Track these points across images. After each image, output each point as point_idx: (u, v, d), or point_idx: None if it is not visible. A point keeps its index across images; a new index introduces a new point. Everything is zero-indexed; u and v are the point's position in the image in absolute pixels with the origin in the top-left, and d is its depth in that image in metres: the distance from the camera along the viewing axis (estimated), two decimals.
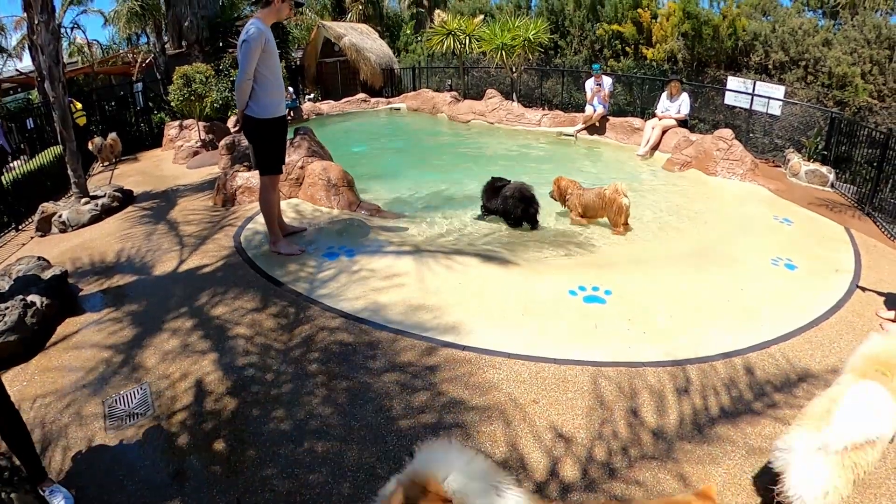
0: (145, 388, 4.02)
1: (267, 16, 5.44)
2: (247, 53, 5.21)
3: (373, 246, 6.05)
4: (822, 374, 4.14)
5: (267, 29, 5.38)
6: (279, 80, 5.62)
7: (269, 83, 5.45)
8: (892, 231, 7.46)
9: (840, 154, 10.46)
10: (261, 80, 5.38)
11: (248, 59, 5.22)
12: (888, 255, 6.64)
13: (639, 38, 17.02)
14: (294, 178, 7.64)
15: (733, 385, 3.95)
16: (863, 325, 4.88)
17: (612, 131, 12.69)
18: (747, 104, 12.16)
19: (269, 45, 5.39)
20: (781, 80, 14.20)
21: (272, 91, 5.51)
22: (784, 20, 15.30)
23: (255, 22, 5.33)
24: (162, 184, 10.15)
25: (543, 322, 4.60)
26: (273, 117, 5.59)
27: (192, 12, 16.43)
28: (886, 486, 3.18)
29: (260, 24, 5.31)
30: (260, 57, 5.30)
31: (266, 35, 5.33)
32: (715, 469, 3.21)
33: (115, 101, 15.62)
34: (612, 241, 6.75)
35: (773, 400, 3.83)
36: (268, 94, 5.47)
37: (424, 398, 3.74)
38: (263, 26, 5.33)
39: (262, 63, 5.33)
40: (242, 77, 5.29)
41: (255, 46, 5.21)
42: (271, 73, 5.46)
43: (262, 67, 5.36)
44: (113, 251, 6.62)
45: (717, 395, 3.83)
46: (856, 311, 5.12)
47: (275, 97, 5.57)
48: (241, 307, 4.95)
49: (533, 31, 14.85)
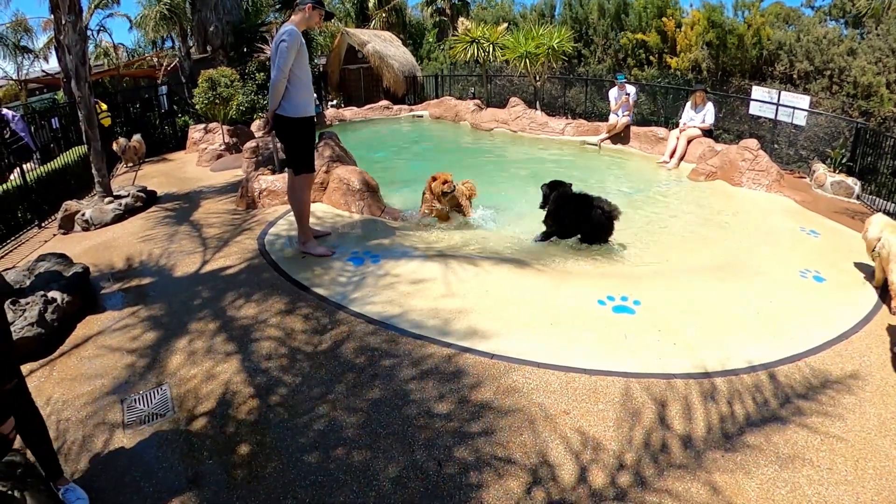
0: (165, 389, 4.01)
1: (299, 22, 5.61)
2: (284, 53, 5.36)
3: (398, 251, 6.06)
4: (853, 387, 4.08)
5: (299, 33, 5.53)
6: (310, 82, 5.79)
7: (301, 83, 5.60)
8: None
9: (865, 165, 10.31)
10: (294, 80, 5.53)
11: (286, 58, 5.38)
12: None
13: (663, 47, 16.93)
14: (318, 183, 7.66)
15: (764, 399, 3.89)
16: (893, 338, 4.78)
17: (637, 141, 12.62)
18: (772, 114, 12.04)
19: (303, 47, 5.56)
20: (806, 89, 14.05)
21: (304, 91, 5.65)
22: (808, 29, 15.16)
23: (290, 26, 5.49)
24: (185, 185, 10.23)
25: (572, 331, 4.56)
26: (304, 116, 5.71)
27: (217, 18, 16.65)
28: None
29: (294, 27, 5.48)
30: (298, 55, 5.47)
31: (300, 38, 5.50)
32: (748, 482, 3.16)
33: (139, 104, 15.77)
34: (637, 250, 6.69)
35: (804, 413, 3.76)
36: (300, 95, 5.61)
37: (452, 406, 3.71)
38: (296, 30, 5.49)
39: (295, 64, 5.48)
40: (279, 75, 5.41)
41: (291, 47, 5.38)
42: (304, 75, 5.62)
43: (296, 68, 5.51)
44: (135, 251, 6.66)
45: (746, 409, 3.78)
46: (885, 323, 5.03)
47: (306, 98, 5.72)
48: (265, 310, 4.95)
49: (557, 39, 14.84)
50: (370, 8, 28.59)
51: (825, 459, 3.36)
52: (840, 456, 3.40)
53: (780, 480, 3.19)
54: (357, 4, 29.24)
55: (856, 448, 3.48)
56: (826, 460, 3.36)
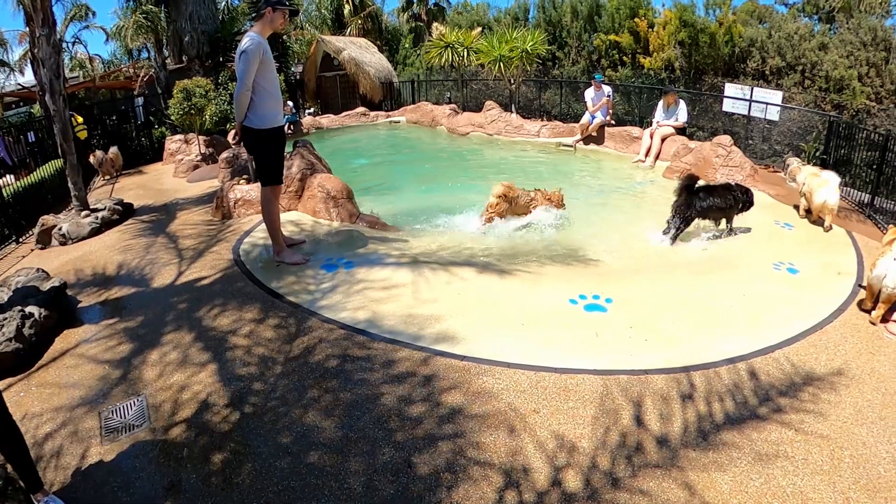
0: (142, 400, 4.01)
1: (262, 28, 5.49)
2: (245, 64, 5.26)
3: (372, 257, 6.04)
4: (828, 377, 4.11)
5: (264, 41, 5.43)
6: (277, 92, 5.66)
7: (267, 94, 5.49)
8: None
9: (839, 157, 10.43)
10: (259, 91, 5.42)
11: (247, 70, 5.27)
12: None
13: (636, 47, 17.03)
14: (293, 191, 7.63)
15: (738, 391, 3.90)
16: (867, 326, 4.85)
17: (611, 141, 12.68)
18: (745, 110, 12.16)
19: (267, 56, 5.44)
20: (779, 85, 14.19)
21: (270, 102, 5.55)
22: (780, 26, 15.31)
23: (252, 34, 5.38)
24: (162, 197, 10.19)
25: (544, 331, 4.57)
26: (272, 127, 5.61)
27: (192, 27, 16.57)
28: None
29: (256, 36, 5.37)
30: (258, 68, 5.34)
31: (263, 46, 5.38)
32: (721, 476, 3.16)
33: (116, 116, 15.68)
34: (611, 250, 6.70)
35: (779, 405, 3.78)
36: (266, 105, 5.51)
37: (423, 409, 3.71)
38: (260, 38, 5.38)
39: (259, 74, 5.38)
40: (241, 88, 5.32)
41: (253, 58, 5.26)
42: (269, 84, 5.50)
43: (260, 79, 5.40)
44: (112, 263, 6.63)
45: (721, 401, 3.79)
46: (859, 313, 5.09)
47: (273, 108, 5.61)
48: (239, 319, 4.93)
49: (530, 42, 14.91)
50: (346, 15, 28.59)
51: (800, 450, 3.38)
52: (816, 446, 3.42)
53: (754, 473, 3.19)
54: (333, 11, 29.21)
55: (832, 437, 3.50)
56: (801, 451, 3.37)
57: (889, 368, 4.27)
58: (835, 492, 3.09)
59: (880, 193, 8.42)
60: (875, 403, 3.86)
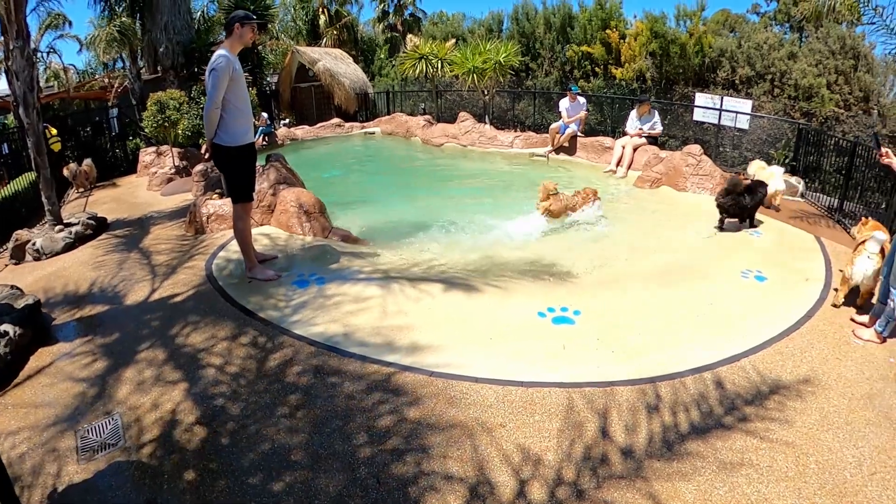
0: (117, 419, 3.99)
1: (232, 44, 5.46)
2: (215, 82, 5.23)
3: (344, 273, 6.05)
4: (794, 384, 4.16)
5: (234, 58, 5.41)
6: (247, 108, 5.63)
7: (237, 111, 5.46)
8: None
9: (808, 164, 10.62)
10: (229, 108, 5.39)
11: (217, 87, 5.24)
12: None
13: (608, 58, 17.22)
14: (266, 206, 7.62)
15: (703, 400, 3.95)
16: (834, 332, 4.93)
17: (584, 151, 12.76)
18: (715, 119, 12.34)
19: (237, 73, 5.40)
20: (748, 94, 14.42)
21: (240, 119, 5.52)
22: (750, 35, 15.55)
23: (222, 51, 5.34)
24: (136, 211, 10.10)
25: (512, 345, 4.60)
26: (242, 145, 5.58)
27: (167, 38, 16.41)
28: (864, 493, 3.20)
29: (226, 52, 5.34)
30: (227, 86, 5.31)
31: (233, 64, 5.35)
32: (685, 486, 3.19)
33: (90, 127, 15.45)
34: (581, 261, 6.73)
35: (744, 413, 3.83)
36: (236, 123, 5.48)
37: (391, 424, 3.72)
38: (230, 55, 5.35)
39: (229, 92, 5.35)
40: (210, 106, 5.29)
41: (222, 75, 5.23)
42: (239, 102, 5.47)
43: (230, 96, 5.37)
44: (86, 280, 6.58)
45: (687, 412, 3.83)
46: (827, 319, 5.17)
47: (243, 125, 5.58)
48: (212, 336, 4.92)
49: (504, 54, 14.98)
50: (321, 25, 28.56)
51: (765, 458, 3.42)
52: (781, 453, 3.46)
53: (719, 482, 3.22)
54: (308, 22, 29.18)
55: (797, 444, 3.54)
56: (766, 458, 3.41)
57: (855, 373, 4.34)
58: (800, 498, 3.13)
59: (849, 198, 8.59)
60: (841, 409, 3.92)
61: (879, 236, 5.18)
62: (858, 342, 4.78)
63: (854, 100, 13.87)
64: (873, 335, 4.77)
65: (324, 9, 28.76)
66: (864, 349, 4.69)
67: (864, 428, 3.75)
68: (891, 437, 3.67)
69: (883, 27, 8.79)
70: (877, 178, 8.59)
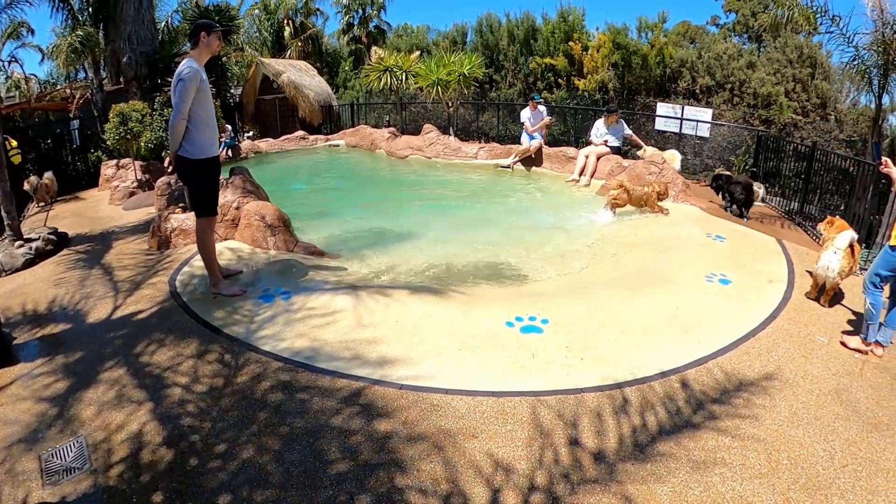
0: (81, 441, 3.86)
1: (199, 54, 5.38)
2: (182, 93, 5.13)
3: (310, 286, 5.97)
4: (762, 382, 4.24)
5: (201, 68, 5.32)
6: (213, 120, 5.53)
7: (203, 123, 5.36)
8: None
9: (769, 169, 10.84)
10: (195, 119, 5.29)
11: (184, 98, 5.14)
12: None
13: (571, 69, 17.43)
14: (230, 220, 7.51)
15: (673, 403, 3.98)
16: (798, 331, 5.03)
17: (548, 161, 12.81)
18: (677, 128, 12.54)
19: (203, 84, 5.32)
20: (709, 103, 14.73)
21: (206, 131, 5.42)
22: (710, 46, 15.89)
23: (189, 62, 5.25)
24: (97, 226, 9.89)
25: (481, 355, 4.58)
26: (207, 157, 5.49)
27: (130, 48, 16.09)
28: (837, 485, 3.26)
29: (193, 63, 5.25)
30: (195, 97, 5.22)
31: (200, 74, 5.27)
32: (660, 487, 3.20)
33: (51, 139, 15.12)
34: (548, 270, 6.78)
35: (715, 413, 3.87)
36: (202, 135, 5.38)
37: (362, 439, 3.67)
38: (197, 66, 5.27)
39: (196, 103, 5.26)
40: (177, 116, 5.19)
41: (189, 85, 5.14)
42: (206, 113, 5.38)
43: (197, 107, 5.28)
44: (47, 297, 6.40)
45: (657, 415, 3.85)
46: (792, 318, 5.28)
47: (209, 137, 5.48)
48: (177, 354, 4.81)
49: (468, 66, 15.08)
50: (286, 37, 28.47)
51: (738, 456, 3.46)
52: (752, 451, 3.51)
53: (693, 482, 3.24)
54: (273, 33, 29.06)
55: (769, 441, 3.60)
56: (739, 456, 3.45)
57: (821, 370, 4.44)
58: (774, 493, 3.18)
59: (809, 201, 8.77)
60: (810, 405, 4.00)
61: (850, 233, 5.42)
62: (822, 340, 4.94)
63: (812, 106, 14.25)
64: (859, 343, 4.81)
65: (289, 20, 28.72)
66: (829, 346, 4.82)
67: (834, 422, 3.83)
68: (860, 430, 3.76)
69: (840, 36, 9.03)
70: (835, 181, 8.81)
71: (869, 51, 9.00)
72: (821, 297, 5.61)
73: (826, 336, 4.99)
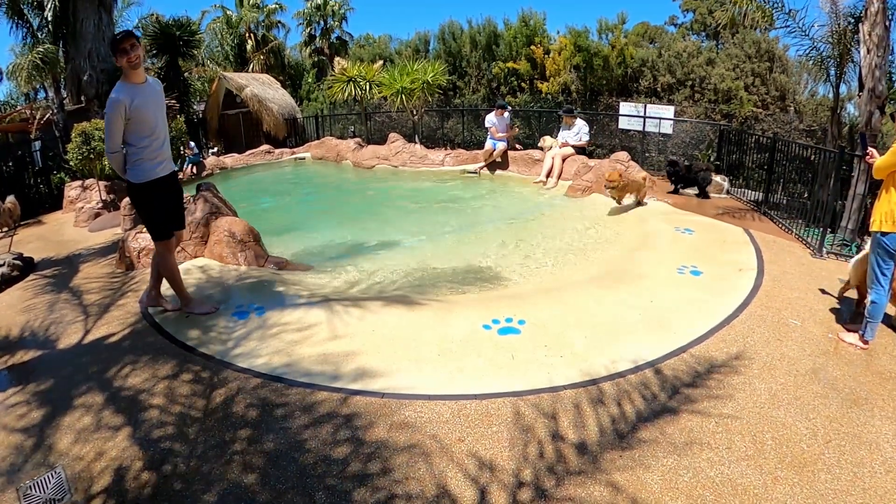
0: (60, 472, 3.75)
1: (126, 77, 5.00)
2: (107, 126, 4.92)
3: (283, 300, 5.91)
4: (740, 367, 4.35)
5: (132, 91, 4.94)
6: (157, 140, 5.18)
7: (142, 149, 5.07)
8: (788, 225, 7.92)
9: (732, 162, 11.02)
10: (134, 144, 5.03)
11: (110, 132, 4.93)
12: (787, 248, 7.07)
13: (533, 73, 17.57)
14: (199, 237, 7.41)
15: (654, 394, 4.01)
16: (771, 316, 5.14)
17: (514, 164, 12.92)
18: (640, 126, 12.70)
19: (136, 108, 4.93)
20: (671, 100, 14.94)
21: (148, 154, 5.12)
22: (669, 45, 16.13)
23: (116, 89, 4.91)
24: (63, 249, 9.70)
25: (460, 359, 4.58)
26: (153, 180, 5.21)
27: (91, 66, 15.77)
28: (822, 460, 3.35)
29: (120, 89, 4.90)
30: (129, 122, 4.93)
31: (128, 100, 4.88)
32: (650, 476, 3.23)
33: (12, 162, 14.79)
34: (522, 271, 6.82)
35: (696, 400, 3.93)
36: (143, 159, 5.10)
37: (347, 450, 3.62)
38: (125, 89, 4.91)
39: (129, 131, 4.98)
40: (108, 151, 5.02)
41: (113, 119, 4.86)
42: (148, 133, 5.07)
43: (131, 136, 5.00)
44: (16, 325, 6.23)
45: (638, 406, 3.88)
46: (763, 304, 5.40)
47: (153, 160, 5.18)
48: (152, 376, 4.70)
49: (431, 73, 15.14)
50: (249, 50, 28.35)
51: (722, 440, 3.51)
52: (737, 434, 3.57)
53: (682, 468, 3.28)
54: (235, 47, 28.89)
55: (751, 424, 3.67)
56: (723, 441, 3.51)
57: (797, 351, 4.56)
58: (762, 473, 3.24)
59: (773, 191, 8.93)
60: (789, 385, 4.10)
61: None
62: (796, 323, 5.06)
63: (771, 99, 14.54)
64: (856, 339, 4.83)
65: (250, 34, 28.61)
66: (802, 328, 4.95)
67: (814, 401, 3.92)
68: (840, 407, 3.86)
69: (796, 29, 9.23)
70: (797, 171, 8.98)
71: (825, 42, 9.21)
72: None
73: (798, 319, 5.10)
